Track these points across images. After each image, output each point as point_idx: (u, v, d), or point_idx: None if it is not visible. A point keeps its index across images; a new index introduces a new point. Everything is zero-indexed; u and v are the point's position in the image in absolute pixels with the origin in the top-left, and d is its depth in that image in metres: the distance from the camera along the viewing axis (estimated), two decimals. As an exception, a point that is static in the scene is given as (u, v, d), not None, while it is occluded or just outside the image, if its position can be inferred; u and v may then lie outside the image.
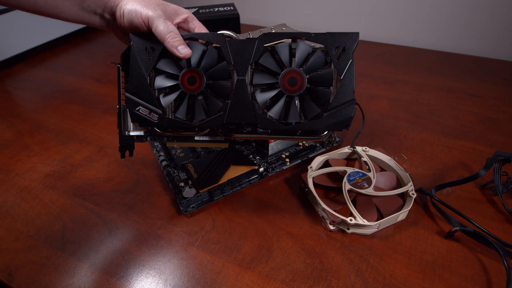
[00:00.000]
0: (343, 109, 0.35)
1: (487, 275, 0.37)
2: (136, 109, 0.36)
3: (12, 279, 0.38)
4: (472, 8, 0.80)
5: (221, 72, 0.36)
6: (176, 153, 0.53)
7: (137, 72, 0.36)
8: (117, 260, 0.40)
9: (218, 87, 0.36)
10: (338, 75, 0.35)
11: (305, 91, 0.35)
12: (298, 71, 0.35)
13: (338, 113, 0.35)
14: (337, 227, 0.42)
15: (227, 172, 0.47)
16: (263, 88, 0.36)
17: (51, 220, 0.45)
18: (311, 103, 0.35)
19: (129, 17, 0.35)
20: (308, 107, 0.35)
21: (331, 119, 0.35)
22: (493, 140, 0.56)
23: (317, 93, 0.35)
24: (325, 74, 0.35)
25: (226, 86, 0.36)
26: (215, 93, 0.37)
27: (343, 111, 0.35)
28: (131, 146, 0.41)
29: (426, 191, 0.45)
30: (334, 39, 0.34)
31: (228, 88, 0.36)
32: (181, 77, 0.36)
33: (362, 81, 0.74)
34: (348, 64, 0.34)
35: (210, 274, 0.38)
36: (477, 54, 0.84)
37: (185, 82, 0.36)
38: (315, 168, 0.48)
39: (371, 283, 0.36)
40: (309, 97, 0.35)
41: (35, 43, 0.92)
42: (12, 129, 0.64)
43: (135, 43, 0.36)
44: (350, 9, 0.94)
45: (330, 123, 0.35)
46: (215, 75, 0.36)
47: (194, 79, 0.36)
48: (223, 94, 0.36)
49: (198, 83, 0.36)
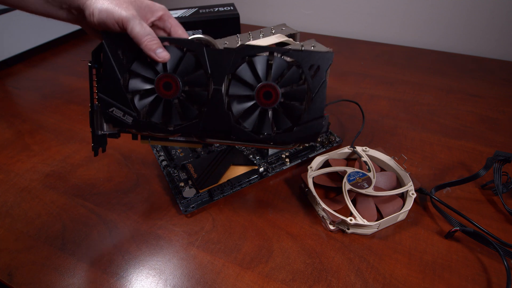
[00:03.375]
0: (313, 125, 0.36)
1: (487, 275, 0.37)
2: (109, 110, 0.35)
3: (12, 279, 0.38)
4: (472, 8, 0.80)
5: (198, 79, 0.36)
6: (176, 153, 0.53)
7: (110, 73, 0.35)
8: (117, 260, 0.40)
9: (194, 95, 0.36)
10: (311, 92, 0.36)
11: (279, 105, 0.36)
12: (273, 86, 0.36)
13: (308, 127, 0.37)
14: (337, 227, 0.42)
15: (227, 172, 0.48)
16: (239, 99, 0.37)
17: (51, 220, 0.45)
18: (284, 117, 0.37)
19: (100, 17, 0.33)
20: (280, 120, 0.37)
21: (301, 133, 0.37)
22: (493, 140, 0.56)
23: (290, 108, 0.36)
24: (299, 90, 0.36)
25: (202, 94, 0.36)
26: (191, 100, 0.36)
27: (313, 126, 0.37)
28: (104, 143, 0.40)
29: (426, 191, 0.45)
30: (310, 57, 0.36)
31: (204, 97, 0.36)
32: (157, 81, 0.35)
33: (362, 81, 0.74)
34: (321, 83, 0.36)
35: (210, 274, 0.38)
36: (477, 54, 0.84)
37: (161, 87, 0.35)
38: (315, 168, 0.48)
39: (371, 283, 0.36)
40: (282, 111, 0.36)
41: (35, 43, 0.92)
42: (12, 129, 0.64)
43: (108, 42, 0.34)
44: (350, 9, 0.94)
45: (300, 136, 0.37)
46: (192, 82, 0.36)
47: (170, 84, 0.35)
48: (199, 102, 0.36)
49: (174, 89, 0.36)
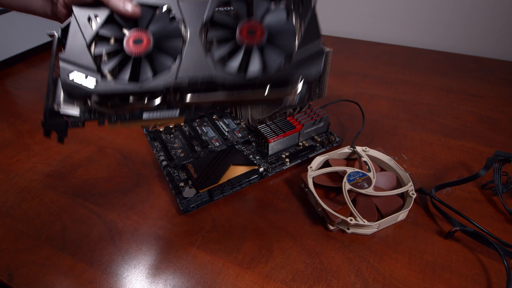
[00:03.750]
0: (311, 60, 0.32)
1: (487, 275, 0.37)
2: (69, 76, 0.30)
3: (12, 279, 0.38)
4: (472, 8, 0.80)
5: (172, 31, 0.32)
6: (176, 153, 0.53)
7: (76, 40, 0.31)
8: (117, 260, 0.40)
9: (168, 46, 0.32)
10: (302, 22, 0.32)
11: (266, 43, 0.32)
12: (257, 22, 0.31)
13: (307, 63, 0.31)
14: (337, 227, 0.42)
15: (227, 172, 0.48)
16: (219, 43, 0.32)
17: (51, 220, 0.45)
18: (273, 53, 0.32)
19: None
20: (270, 57, 0.32)
21: (298, 69, 0.32)
22: (493, 140, 0.56)
23: (279, 43, 0.32)
24: (287, 25, 0.32)
25: (177, 44, 0.32)
26: (164, 53, 0.32)
27: (311, 62, 0.32)
28: (62, 127, 0.34)
29: (426, 191, 0.45)
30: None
31: (179, 47, 0.32)
32: (126, 39, 0.31)
33: (362, 81, 0.74)
34: (311, 10, 0.32)
35: (210, 274, 0.38)
36: (477, 54, 0.84)
37: (130, 43, 0.31)
38: (315, 168, 0.48)
39: (371, 283, 0.36)
40: (270, 48, 0.32)
41: (35, 43, 0.92)
42: (12, 129, 0.64)
43: (77, 13, 0.32)
44: (350, 9, 0.94)
45: (296, 72, 0.31)
46: (165, 36, 0.32)
47: (140, 39, 0.32)
48: (174, 54, 0.32)
49: (146, 43, 0.31)
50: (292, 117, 0.53)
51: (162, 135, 0.57)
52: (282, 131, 0.50)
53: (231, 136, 0.56)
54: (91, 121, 0.33)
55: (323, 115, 0.53)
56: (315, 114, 0.53)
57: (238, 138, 0.55)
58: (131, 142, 0.58)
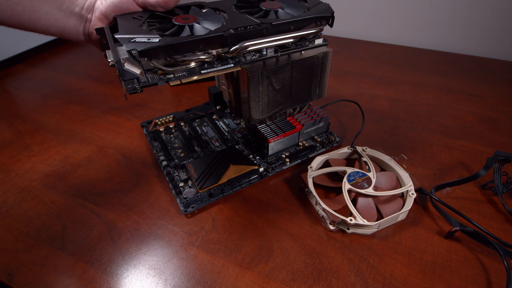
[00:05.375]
0: (321, 7, 0.45)
1: (487, 275, 0.37)
2: (130, 39, 0.34)
3: (12, 279, 0.38)
4: (472, 8, 0.80)
5: (209, 12, 0.42)
6: (176, 153, 0.53)
7: (127, 25, 0.36)
8: (117, 260, 0.40)
9: (211, 19, 0.40)
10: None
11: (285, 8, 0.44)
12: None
13: (319, 9, 0.44)
14: (337, 227, 0.42)
15: (227, 172, 0.48)
16: (250, 14, 0.43)
17: (51, 220, 0.45)
18: (292, 10, 0.44)
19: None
20: (291, 12, 0.44)
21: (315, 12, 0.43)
22: (493, 140, 0.56)
23: (294, 8, 0.45)
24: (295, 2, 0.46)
25: (221, 15, 0.41)
26: (209, 22, 0.39)
27: (321, 7, 0.45)
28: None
29: (426, 191, 0.45)
30: None
31: (223, 18, 0.40)
32: (175, 18, 0.39)
33: (362, 81, 0.74)
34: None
35: (210, 274, 0.38)
36: (477, 54, 0.84)
37: (179, 19, 0.38)
38: (315, 168, 0.48)
39: (371, 283, 0.36)
40: (288, 8, 0.44)
41: (35, 43, 0.92)
42: (12, 129, 0.64)
43: (121, 17, 0.37)
44: (350, 9, 0.94)
45: (314, 12, 0.43)
46: (205, 15, 0.41)
47: (188, 17, 0.39)
48: (218, 22, 0.40)
49: (193, 18, 0.39)
50: (292, 117, 0.53)
51: (162, 135, 0.57)
52: (282, 131, 0.50)
53: (231, 136, 0.56)
54: (150, 85, 0.36)
55: (323, 115, 0.53)
56: (315, 114, 0.53)
57: (238, 138, 0.55)
58: (131, 142, 0.58)
